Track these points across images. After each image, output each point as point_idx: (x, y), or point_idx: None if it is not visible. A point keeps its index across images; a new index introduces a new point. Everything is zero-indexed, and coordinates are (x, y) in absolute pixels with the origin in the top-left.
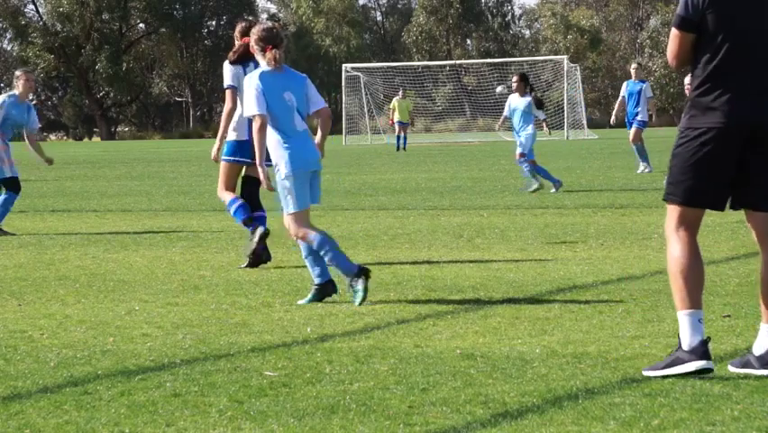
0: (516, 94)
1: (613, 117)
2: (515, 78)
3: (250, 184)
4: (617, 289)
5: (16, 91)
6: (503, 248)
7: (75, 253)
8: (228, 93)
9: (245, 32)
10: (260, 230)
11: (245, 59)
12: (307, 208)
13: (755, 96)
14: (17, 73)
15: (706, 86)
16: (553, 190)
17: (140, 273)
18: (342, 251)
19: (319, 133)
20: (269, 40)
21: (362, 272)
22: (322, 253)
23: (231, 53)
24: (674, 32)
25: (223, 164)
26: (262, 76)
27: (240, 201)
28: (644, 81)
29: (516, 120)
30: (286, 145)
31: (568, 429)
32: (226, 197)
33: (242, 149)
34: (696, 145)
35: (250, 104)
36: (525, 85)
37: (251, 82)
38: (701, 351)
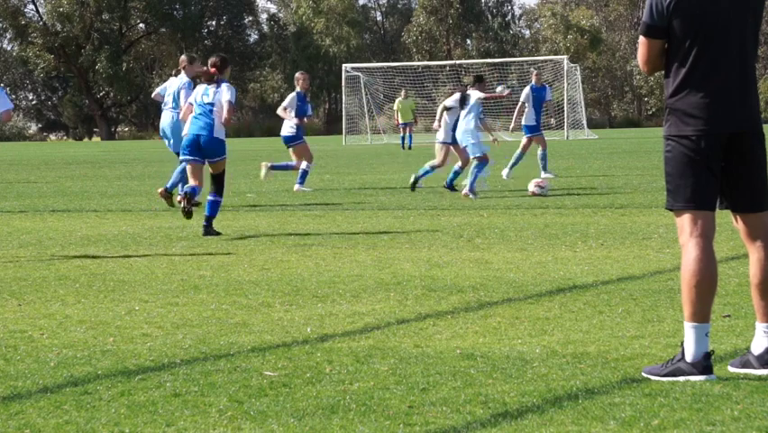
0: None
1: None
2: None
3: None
4: (617, 289)
5: None
6: (503, 248)
7: (75, 253)
8: None
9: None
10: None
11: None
12: None
13: (730, 102)
14: None
15: (681, 93)
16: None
17: (140, 273)
18: None
19: None
20: None
21: None
22: None
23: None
24: (642, 39)
25: None
26: None
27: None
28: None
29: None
30: None
31: (568, 429)
32: None
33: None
34: (682, 152)
35: None
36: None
37: None
38: (703, 365)
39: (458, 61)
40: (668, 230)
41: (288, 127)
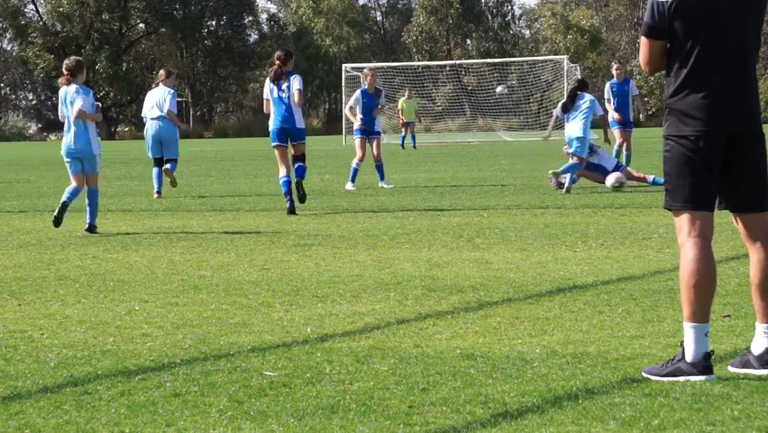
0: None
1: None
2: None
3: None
4: (617, 289)
5: None
6: (503, 248)
7: (75, 253)
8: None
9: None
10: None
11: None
12: None
13: (731, 102)
14: None
15: (681, 93)
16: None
17: (140, 273)
18: None
19: None
20: None
21: None
22: None
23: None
24: (643, 39)
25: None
26: None
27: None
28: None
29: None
30: None
31: (568, 429)
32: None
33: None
34: (681, 152)
35: None
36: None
37: None
38: (703, 366)
39: (458, 61)
40: (668, 230)
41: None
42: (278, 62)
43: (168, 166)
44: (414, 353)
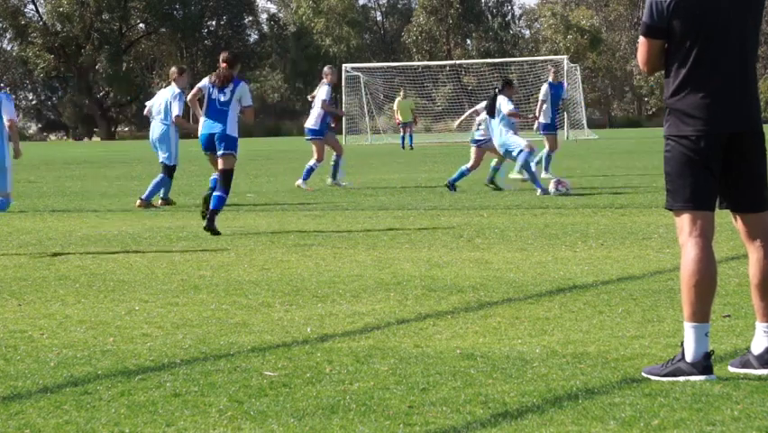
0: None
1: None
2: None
3: None
4: (617, 289)
5: None
6: (503, 248)
7: (75, 253)
8: None
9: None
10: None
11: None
12: None
13: (731, 102)
14: None
15: (681, 93)
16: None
17: (140, 273)
18: None
19: None
20: None
21: None
22: None
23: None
24: (642, 39)
25: None
26: None
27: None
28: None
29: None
30: None
31: (568, 429)
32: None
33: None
34: (681, 152)
35: None
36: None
37: None
38: (703, 365)
39: (458, 61)
40: (668, 230)
41: (314, 120)
42: (224, 65)
43: (160, 199)
44: (414, 353)
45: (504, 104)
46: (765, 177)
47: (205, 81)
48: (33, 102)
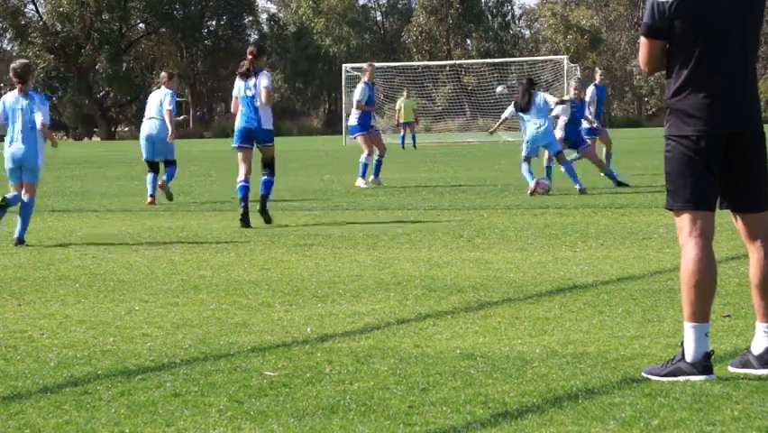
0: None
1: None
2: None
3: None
4: (617, 289)
5: None
6: (503, 248)
7: (75, 253)
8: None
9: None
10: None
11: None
12: None
13: (731, 102)
14: None
15: (682, 93)
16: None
17: (140, 273)
18: None
19: None
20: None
21: None
22: None
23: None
24: (643, 39)
25: None
26: None
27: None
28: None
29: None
30: None
31: (568, 429)
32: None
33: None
34: (682, 152)
35: None
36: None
37: None
38: (703, 365)
39: (458, 61)
40: (668, 230)
41: (354, 118)
42: (250, 57)
43: (164, 177)
44: (414, 353)
45: (550, 98)
46: (765, 177)
47: (236, 82)
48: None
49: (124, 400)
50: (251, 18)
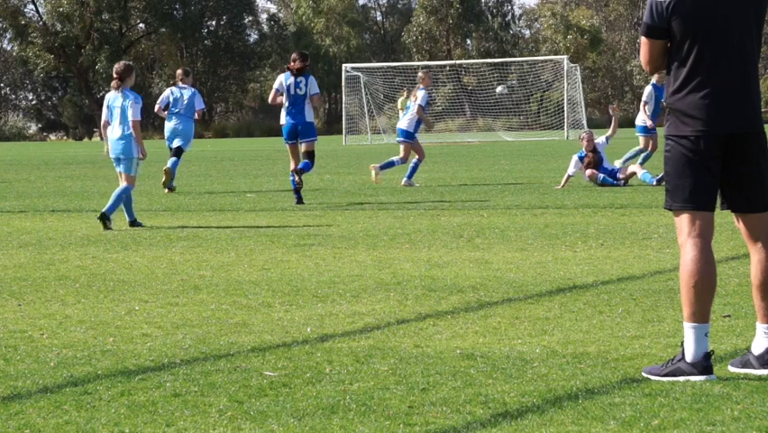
0: None
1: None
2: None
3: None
4: (617, 289)
5: None
6: (503, 248)
7: (75, 253)
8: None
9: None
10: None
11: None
12: None
13: (731, 102)
14: None
15: (681, 93)
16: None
17: (140, 273)
18: None
19: None
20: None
21: None
22: None
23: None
24: (643, 39)
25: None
26: None
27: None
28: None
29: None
30: None
31: (568, 429)
32: None
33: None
34: (681, 152)
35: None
36: None
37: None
38: (703, 366)
39: (458, 61)
40: (668, 230)
41: (408, 122)
42: (303, 61)
43: (169, 164)
44: (414, 353)
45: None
46: (766, 177)
47: (281, 79)
48: (33, 102)
49: (124, 400)
50: (251, 18)
